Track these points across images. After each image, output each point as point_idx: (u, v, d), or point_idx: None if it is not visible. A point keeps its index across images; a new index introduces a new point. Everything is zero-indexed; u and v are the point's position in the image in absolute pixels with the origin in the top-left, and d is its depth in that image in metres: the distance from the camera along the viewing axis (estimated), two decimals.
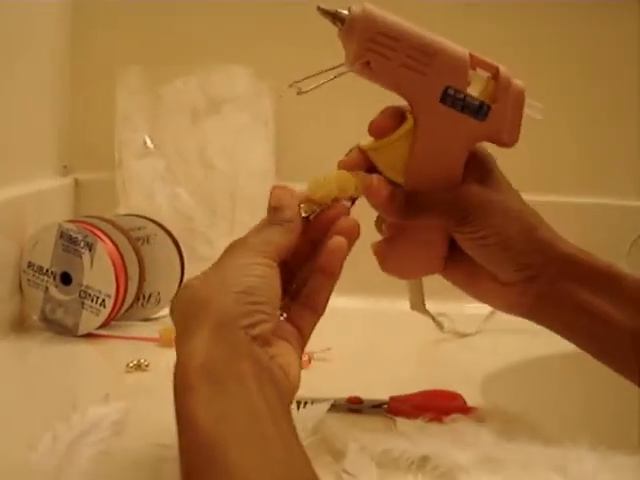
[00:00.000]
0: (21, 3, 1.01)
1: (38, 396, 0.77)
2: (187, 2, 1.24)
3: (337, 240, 0.59)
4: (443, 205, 0.63)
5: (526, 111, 0.64)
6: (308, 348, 0.88)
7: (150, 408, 0.65)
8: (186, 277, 1.02)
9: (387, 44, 0.60)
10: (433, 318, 0.92)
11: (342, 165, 0.65)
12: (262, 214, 1.17)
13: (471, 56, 0.62)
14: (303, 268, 0.61)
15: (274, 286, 0.54)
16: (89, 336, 0.94)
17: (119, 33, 1.25)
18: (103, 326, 0.95)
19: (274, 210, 0.57)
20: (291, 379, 0.52)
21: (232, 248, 0.55)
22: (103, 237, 0.94)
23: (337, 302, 1.12)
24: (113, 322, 0.97)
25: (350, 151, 0.67)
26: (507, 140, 0.63)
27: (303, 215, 0.59)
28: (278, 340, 0.53)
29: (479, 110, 0.62)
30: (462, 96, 0.61)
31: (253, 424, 0.45)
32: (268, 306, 0.52)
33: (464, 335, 1.03)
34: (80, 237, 0.93)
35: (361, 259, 1.18)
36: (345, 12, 0.61)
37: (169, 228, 1.04)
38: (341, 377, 0.85)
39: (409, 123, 0.63)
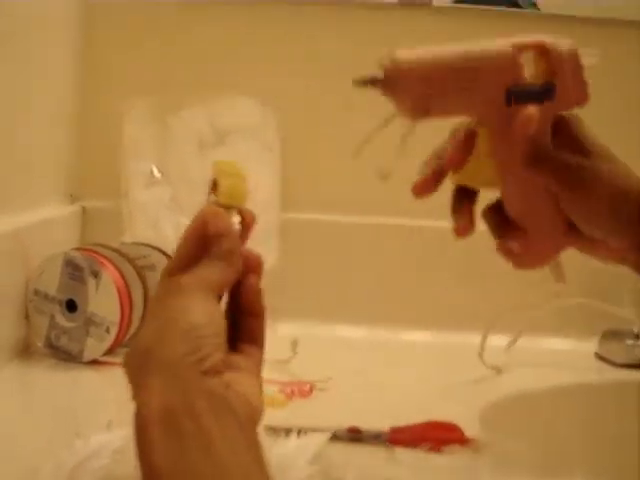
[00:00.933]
0: (32, 30, 1.02)
1: (42, 423, 0.77)
2: (194, 34, 1.27)
3: (254, 282, 0.57)
4: (557, 167, 0.63)
5: (584, 63, 0.62)
6: (309, 377, 0.90)
7: None
8: None
9: (433, 83, 0.60)
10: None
11: (418, 192, 0.68)
12: (267, 242, 1.18)
13: (514, 45, 0.61)
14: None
15: (217, 319, 0.53)
16: (94, 363, 0.95)
17: (128, 63, 1.27)
18: (108, 353, 0.95)
19: (216, 239, 0.55)
20: (254, 406, 0.51)
21: (167, 291, 0.54)
22: (108, 265, 0.95)
23: (338, 331, 1.15)
24: (118, 349, 0.98)
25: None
26: (580, 102, 0.62)
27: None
28: (233, 370, 0.52)
29: (546, 94, 0.61)
30: (524, 90, 0.60)
31: (212, 462, 0.45)
32: (214, 337, 0.51)
33: (500, 370, 1.03)
34: (86, 265, 0.94)
35: (361, 289, 1.21)
36: (380, 74, 0.61)
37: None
38: (341, 407, 0.86)
39: (483, 137, 0.63)
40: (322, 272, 1.23)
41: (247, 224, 0.58)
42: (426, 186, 0.66)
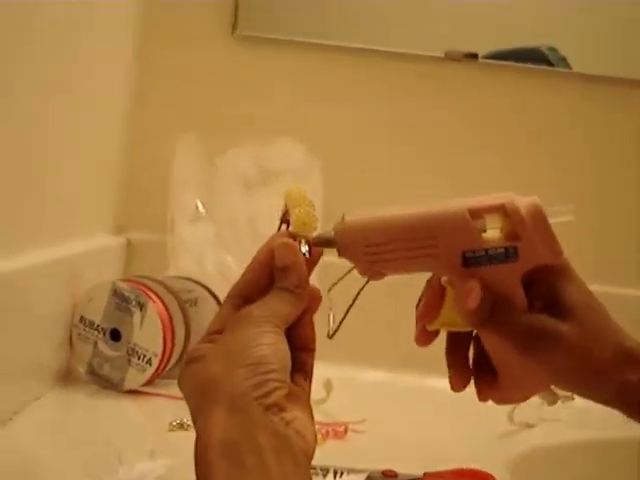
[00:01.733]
0: (85, 65, 1.06)
1: (84, 448, 0.79)
2: (245, 75, 1.30)
3: (311, 317, 0.58)
4: (516, 330, 0.60)
5: (555, 221, 0.59)
6: (344, 418, 0.92)
7: (193, 467, 0.67)
8: None
9: (384, 249, 0.59)
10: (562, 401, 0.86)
11: (420, 344, 0.66)
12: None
13: (470, 211, 0.58)
14: None
15: (284, 352, 0.54)
16: (133, 392, 0.97)
17: (180, 99, 1.30)
18: (148, 383, 0.98)
19: (282, 272, 0.56)
20: (308, 441, 0.52)
21: (238, 320, 0.55)
22: (154, 297, 0.98)
23: (371, 375, 1.16)
24: (157, 380, 1.00)
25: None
26: (551, 259, 0.60)
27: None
28: (292, 403, 0.53)
29: (507, 255, 0.58)
30: (483, 253, 0.58)
31: None
32: (279, 373, 0.52)
33: (531, 426, 1.03)
34: (132, 296, 0.97)
35: (396, 334, 1.22)
36: (331, 234, 0.60)
37: (216, 293, 1.07)
38: (375, 449, 0.87)
39: (449, 291, 0.61)
40: (358, 315, 1.24)
41: (315, 253, 0.58)
42: (424, 339, 0.66)
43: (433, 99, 1.30)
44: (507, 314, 0.59)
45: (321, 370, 1.10)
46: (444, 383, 1.10)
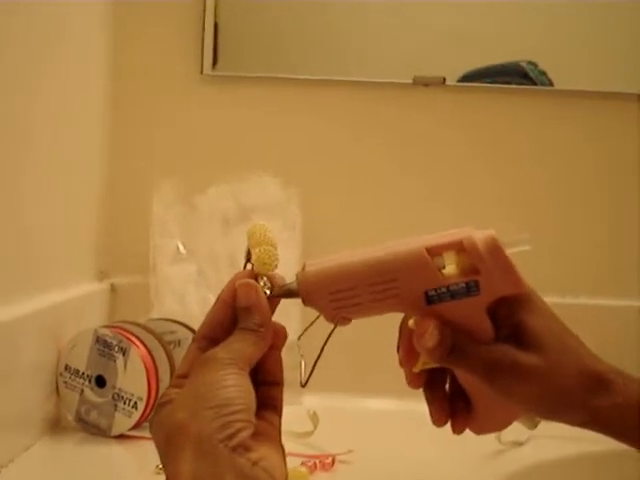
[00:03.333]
0: (62, 109, 1.08)
1: None
2: (219, 115, 1.32)
3: (277, 353, 0.60)
4: (478, 363, 0.61)
5: (513, 250, 0.61)
6: (330, 450, 0.92)
7: None
8: None
9: (347, 295, 0.60)
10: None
11: (413, 387, 0.67)
12: (289, 316, 1.21)
13: (428, 249, 0.59)
14: None
15: (248, 392, 0.54)
16: (121, 437, 0.98)
17: (154, 143, 1.32)
18: (135, 427, 0.98)
19: (244, 312, 0.57)
20: (277, 478, 0.53)
21: (203, 363, 0.56)
22: (137, 342, 0.99)
23: (359, 403, 1.17)
24: (145, 423, 1.00)
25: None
26: (512, 290, 0.61)
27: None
28: (259, 442, 0.53)
29: (469, 289, 0.59)
30: (445, 290, 0.59)
31: None
32: (244, 413, 0.53)
33: (519, 444, 1.04)
34: (115, 342, 0.98)
35: (385, 361, 1.23)
36: (294, 285, 0.60)
37: None
38: (364, 479, 0.88)
39: None
40: (343, 345, 1.25)
41: (276, 292, 0.59)
42: (415, 382, 0.67)
43: (404, 125, 1.32)
44: (467, 348, 0.60)
45: (309, 401, 1.12)
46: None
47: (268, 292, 0.59)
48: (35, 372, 0.96)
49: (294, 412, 1.01)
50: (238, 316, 0.58)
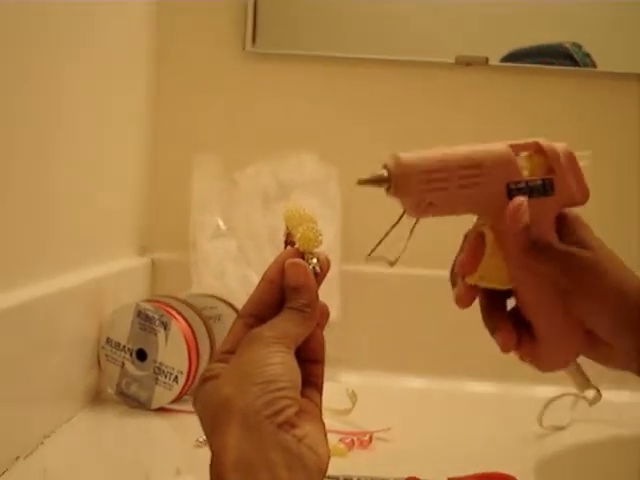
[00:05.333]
0: (107, 88, 1.09)
1: (114, 467, 0.81)
2: (261, 92, 1.32)
3: (320, 331, 0.60)
4: (559, 255, 0.63)
5: (580, 164, 0.66)
6: (368, 427, 0.93)
7: None
8: None
9: (437, 178, 0.63)
10: (598, 391, 0.87)
11: (461, 304, 0.67)
12: (329, 294, 1.21)
13: (511, 146, 0.64)
14: None
15: (293, 369, 0.55)
16: (161, 410, 0.99)
17: (197, 120, 1.33)
18: (175, 401, 0.99)
19: (292, 291, 0.58)
20: (321, 455, 0.53)
21: (249, 342, 0.56)
22: (177, 316, 0.99)
23: (398, 381, 1.17)
24: (184, 397, 1.01)
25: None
26: (580, 199, 0.65)
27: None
28: (303, 419, 0.54)
29: (545, 187, 0.64)
30: (524, 185, 0.63)
31: None
32: (290, 391, 0.54)
33: (560, 428, 1.04)
34: (156, 316, 0.99)
35: (422, 340, 1.23)
36: (384, 173, 0.63)
37: (239, 308, 1.09)
38: (400, 457, 0.88)
39: (489, 237, 0.65)
40: (382, 323, 1.26)
41: (323, 269, 0.59)
42: (465, 298, 0.67)
43: (446, 105, 1.31)
44: (551, 241, 0.63)
45: (348, 379, 1.12)
46: (470, 387, 1.11)
47: (316, 268, 0.59)
48: (77, 345, 0.97)
49: (332, 389, 1.02)
50: (286, 295, 0.58)
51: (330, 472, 0.71)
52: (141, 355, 1.00)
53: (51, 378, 0.87)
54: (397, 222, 0.67)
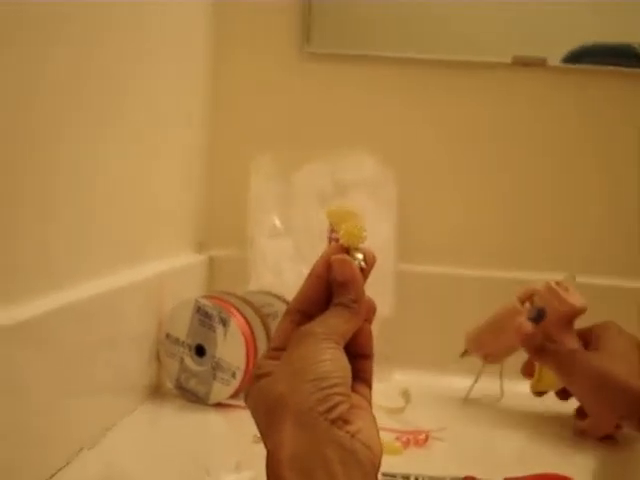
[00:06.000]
0: (164, 87, 1.10)
1: (174, 461, 0.83)
2: (318, 92, 1.33)
3: (368, 326, 0.61)
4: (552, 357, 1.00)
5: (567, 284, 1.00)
6: (422, 426, 0.93)
7: None
8: None
9: (485, 344, 1.12)
10: None
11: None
12: (384, 292, 1.22)
13: (518, 299, 1.06)
14: None
15: (345, 366, 0.56)
16: (219, 405, 1.01)
17: (255, 120, 1.34)
18: (233, 396, 1.01)
19: (340, 287, 0.58)
20: (374, 451, 0.54)
21: (300, 339, 0.57)
22: (236, 313, 1.01)
23: (451, 381, 1.17)
24: (241, 393, 1.03)
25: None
26: (571, 313, 0.99)
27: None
28: (355, 415, 0.55)
29: (540, 315, 0.99)
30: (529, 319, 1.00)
31: None
32: (342, 387, 0.54)
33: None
34: (215, 313, 1.00)
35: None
36: (467, 353, 1.14)
37: None
38: (456, 456, 0.88)
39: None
40: (436, 322, 1.26)
41: (368, 264, 0.60)
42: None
43: (503, 106, 1.31)
44: (545, 345, 0.99)
45: (402, 377, 1.13)
46: (523, 387, 1.10)
47: (362, 264, 0.59)
48: (137, 340, 0.99)
49: (385, 388, 1.03)
50: (333, 291, 0.59)
51: (387, 469, 0.73)
52: (200, 351, 1.02)
53: (113, 372, 0.89)
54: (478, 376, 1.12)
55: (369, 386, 0.61)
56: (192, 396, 1.02)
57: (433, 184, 1.32)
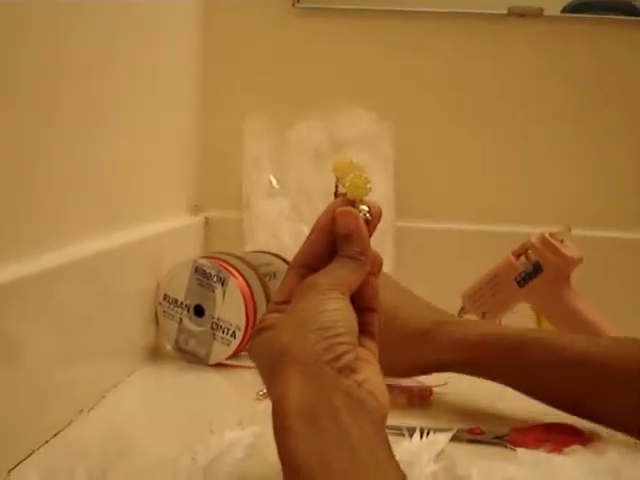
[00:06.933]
0: (156, 50, 1.08)
1: (175, 420, 0.82)
2: (311, 49, 1.31)
3: (374, 280, 0.60)
4: None
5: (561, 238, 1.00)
6: (427, 381, 0.92)
7: None
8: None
9: (477, 297, 1.06)
10: None
11: None
12: (383, 249, 1.21)
13: (512, 253, 1.04)
14: None
15: (351, 316, 0.55)
16: (219, 365, 1.00)
17: (247, 78, 1.32)
18: (233, 356, 1.00)
19: (344, 239, 0.58)
20: (381, 401, 0.53)
21: (304, 290, 0.56)
22: (235, 273, 1.00)
23: None
24: (241, 353, 1.02)
25: None
26: (564, 264, 0.99)
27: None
28: (362, 366, 0.54)
29: (536, 269, 1.00)
30: (524, 274, 1.02)
31: (351, 458, 0.47)
32: (348, 336, 0.54)
33: None
34: (214, 272, 0.99)
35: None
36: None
37: None
38: (461, 410, 0.88)
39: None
40: (436, 278, 1.25)
41: (374, 216, 0.59)
42: None
43: (498, 58, 1.29)
44: None
45: None
46: None
47: (367, 216, 0.59)
48: (135, 301, 0.98)
49: None
50: (338, 244, 0.58)
51: (392, 423, 0.72)
52: (199, 311, 1.01)
53: (111, 334, 0.88)
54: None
55: (375, 339, 0.60)
56: (192, 357, 1.01)
57: (431, 139, 1.30)
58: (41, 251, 0.74)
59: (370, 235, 0.59)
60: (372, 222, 0.59)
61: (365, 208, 0.59)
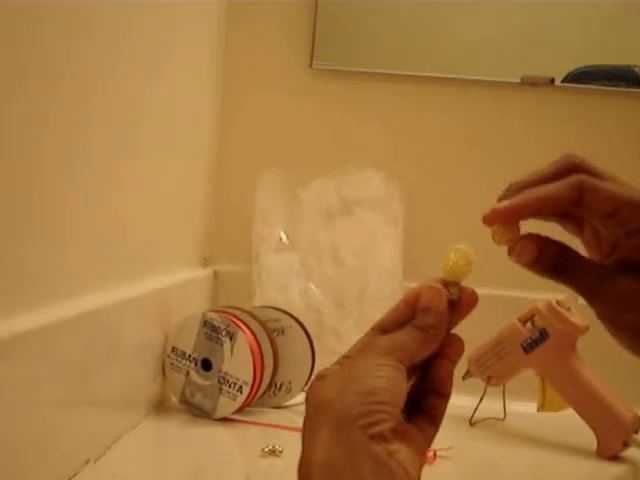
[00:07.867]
0: (172, 100, 1.10)
1: (181, 474, 0.82)
2: (325, 109, 1.33)
3: (450, 365, 0.59)
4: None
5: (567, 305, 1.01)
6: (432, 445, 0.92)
7: None
8: (316, 369, 1.06)
9: (483, 362, 1.07)
10: None
11: None
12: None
13: (518, 319, 1.03)
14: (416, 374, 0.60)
15: (399, 387, 0.54)
16: (225, 420, 1.00)
17: (261, 135, 1.34)
18: (238, 411, 1.00)
19: (422, 312, 0.57)
20: (411, 475, 0.52)
21: (364, 348, 0.56)
22: (244, 327, 1.00)
23: (457, 400, 1.16)
24: (247, 408, 1.02)
25: None
26: (570, 331, 1.00)
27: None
28: (398, 438, 0.53)
29: (542, 336, 1.01)
30: (530, 341, 1.02)
31: None
32: (390, 406, 0.53)
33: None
34: (222, 326, 1.00)
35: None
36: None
37: (302, 321, 1.10)
38: (465, 474, 0.87)
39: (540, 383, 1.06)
40: None
41: (463, 300, 0.58)
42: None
43: (511, 125, 1.31)
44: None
45: None
46: (526, 408, 1.10)
47: (453, 297, 0.58)
48: (141, 353, 0.98)
49: None
50: (416, 315, 0.57)
51: None
52: (206, 365, 1.01)
53: (117, 385, 0.88)
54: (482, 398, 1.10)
55: (436, 426, 0.58)
56: (197, 410, 1.01)
57: (440, 202, 1.32)
58: (48, 305, 0.74)
59: (456, 321, 0.59)
60: (460, 306, 0.58)
61: (455, 291, 0.58)
